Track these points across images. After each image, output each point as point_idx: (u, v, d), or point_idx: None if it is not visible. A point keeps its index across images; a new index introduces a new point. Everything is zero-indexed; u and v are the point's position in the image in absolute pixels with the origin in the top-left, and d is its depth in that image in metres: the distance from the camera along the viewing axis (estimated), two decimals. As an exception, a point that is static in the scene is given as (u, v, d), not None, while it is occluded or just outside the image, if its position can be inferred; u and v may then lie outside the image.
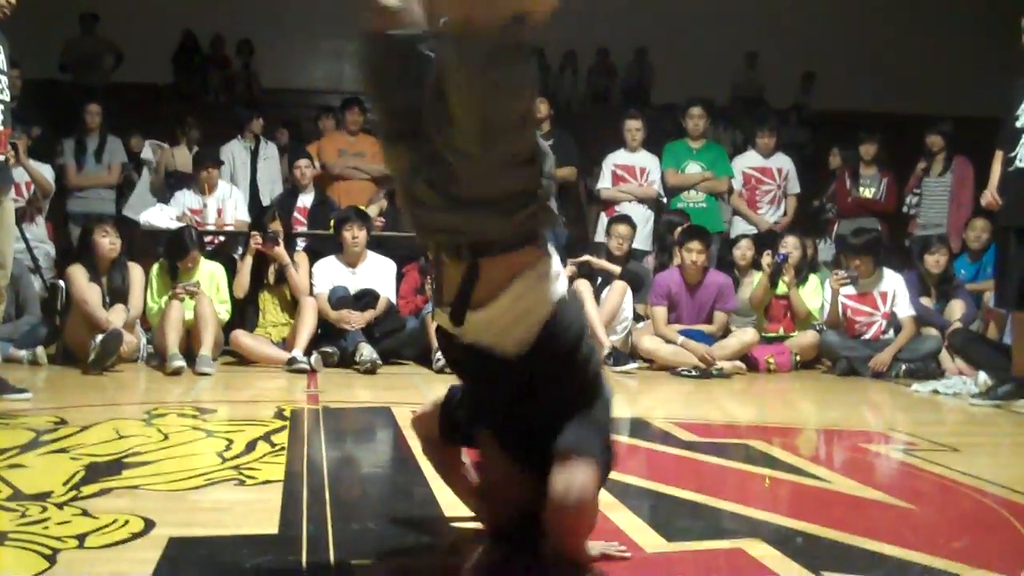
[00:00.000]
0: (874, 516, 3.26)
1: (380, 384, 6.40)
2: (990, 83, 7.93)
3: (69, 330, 6.78)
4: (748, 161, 9.08)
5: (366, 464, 4.17)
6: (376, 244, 7.64)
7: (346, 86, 14.44)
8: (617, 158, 8.91)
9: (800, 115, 13.67)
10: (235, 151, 9.27)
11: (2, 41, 5.10)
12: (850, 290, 7.55)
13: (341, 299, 7.14)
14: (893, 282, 7.54)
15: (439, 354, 6.84)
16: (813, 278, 8.05)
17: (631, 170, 8.79)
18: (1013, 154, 5.77)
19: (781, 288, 7.89)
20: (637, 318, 7.74)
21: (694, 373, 7.05)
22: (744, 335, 7.42)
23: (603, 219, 8.63)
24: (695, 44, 14.92)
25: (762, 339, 7.61)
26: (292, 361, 6.66)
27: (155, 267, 7.17)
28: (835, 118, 12.85)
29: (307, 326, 6.92)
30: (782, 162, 9.08)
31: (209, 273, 7.14)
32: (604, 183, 8.89)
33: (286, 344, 6.99)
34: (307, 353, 6.76)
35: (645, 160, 8.83)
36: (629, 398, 6.34)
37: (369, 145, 8.86)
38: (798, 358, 7.61)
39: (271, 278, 7.25)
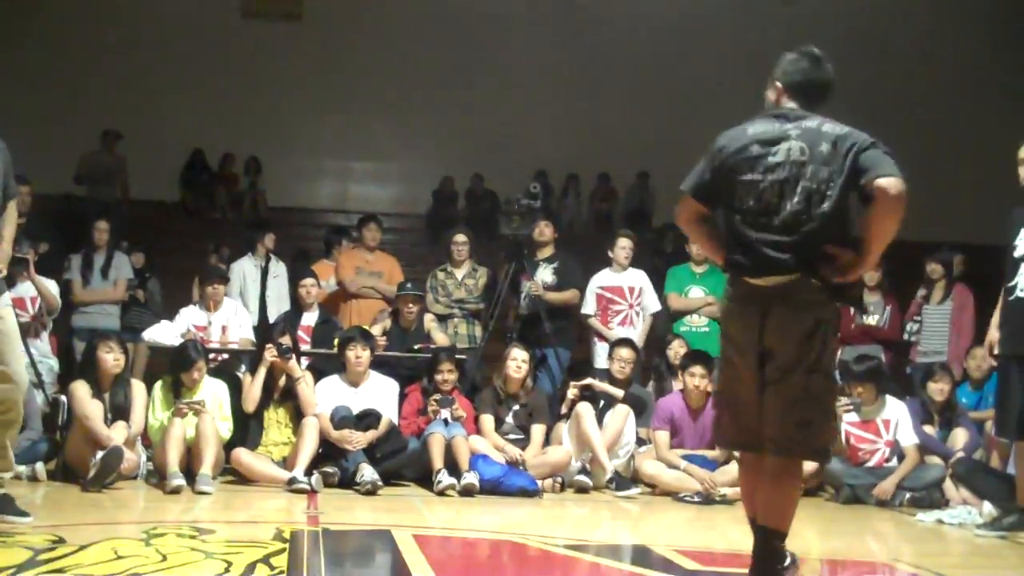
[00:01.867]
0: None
1: (381, 506, 6.35)
2: (989, 211, 8.02)
3: (70, 446, 6.75)
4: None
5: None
6: (379, 364, 7.65)
7: (350, 205, 14.67)
8: (602, 279, 8.89)
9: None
10: (245, 268, 9.35)
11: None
12: (853, 417, 7.53)
13: (343, 419, 7.11)
14: (896, 410, 7.52)
15: (440, 475, 6.82)
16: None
17: (619, 290, 8.80)
18: (1012, 283, 5.79)
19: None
20: (639, 442, 7.70)
21: (697, 499, 6.99)
22: (747, 461, 7.37)
23: (601, 343, 8.62)
24: (695, 163, 15.14)
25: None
26: (292, 481, 6.62)
27: (158, 384, 7.17)
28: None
29: (308, 446, 6.89)
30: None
31: (212, 391, 7.13)
32: (588, 308, 8.86)
33: (287, 463, 6.95)
34: (308, 473, 6.71)
35: (634, 279, 8.84)
36: (631, 524, 6.31)
37: (386, 264, 8.92)
38: (801, 486, 7.54)
39: (279, 393, 7.24)
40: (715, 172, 3.92)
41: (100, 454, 6.32)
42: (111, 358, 6.89)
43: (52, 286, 8.11)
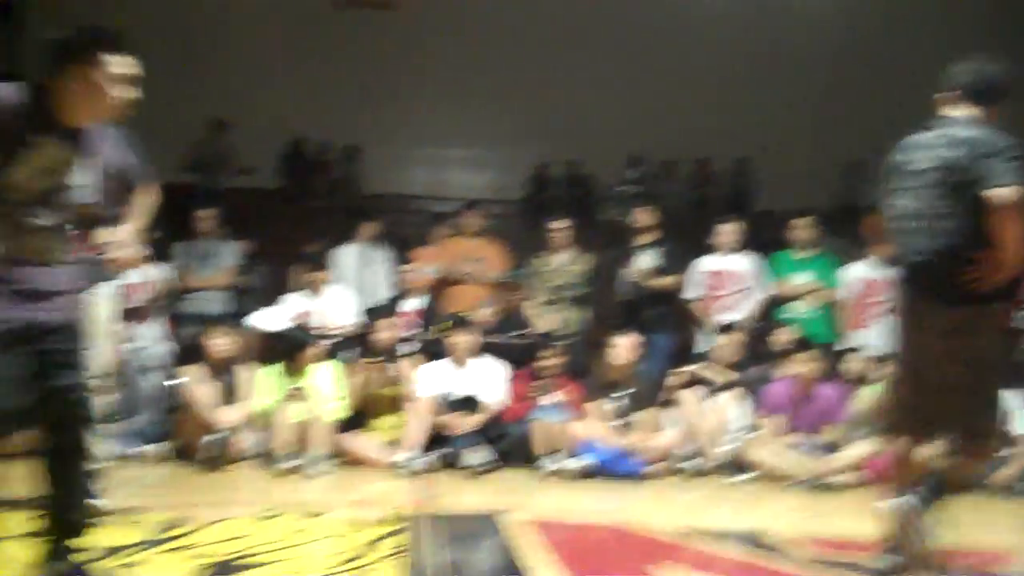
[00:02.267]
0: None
1: (487, 489, 6.37)
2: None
3: (182, 429, 6.88)
4: (859, 271, 8.88)
5: (475, 571, 4.13)
6: (482, 350, 7.65)
7: (447, 192, 14.70)
8: (706, 264, 8.76)
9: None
10: (347, 255, 9.41)
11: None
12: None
13: (448, 403, 7.15)
14: (1011, 401, 7.31)
15: (545, 459, 6.81)
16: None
17: (725, 275, 8.67)
18: None
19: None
20: (748, 429, 7.60)
21: (807, 485, 6.88)
22: (858, 447, 7.25)
23: (706, 328, 8.53)
24: (796, 151, 14.91)
25: (878, 451, 7.41)
26: (401, 464, 6.67)
27: (267, 368, 7.26)
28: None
29: (416, 428, 6.94)
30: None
31: (323, 373, 7.21)
32: (693, 292, 8.76)
33: (395, 446, 6.99)
34: (416, 456, 6.76)
35: (741, 264, 8.72)
36: (740, 510, 6.23)
37: (489, 250, 8.92)
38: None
39: (380, 388, 7.28)
40: None
41: (211, 437, 6.43)
42: (219, 343, 7.01)
43: (164, 272, 8.27)
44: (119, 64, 3.19)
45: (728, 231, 8.72)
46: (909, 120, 4.30)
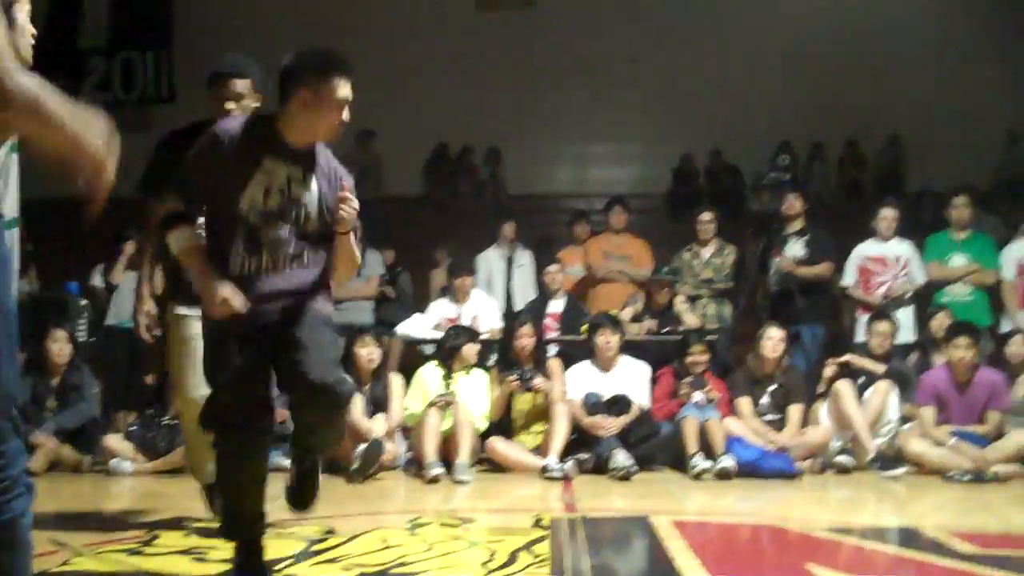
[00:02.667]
0: None
1: (636, 491, 6.33)
2: None
3: (335, 440, 7.02)
4: (1020, 250, 8.53)
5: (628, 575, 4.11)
6: (630, 348, 7.62)
7: (590, 189, 14.69)
8: (866, 249, 8.55)
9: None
10: (491, 259, 9.49)
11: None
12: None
13: (594, 405, 7.14)
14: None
15: (695, 459, 6.74)
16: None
17: (883, 260, 8.44)
18: None
19: (1062, 385, 7.38)
20: (903, 420, 7.39)
21: (967, 477, 6.65)
22: (1021, 436, 6.97)
23: (862, 316, 8.30)
24: (950, 126, 14.41)
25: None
26: (547, 468, 6.68)
27: (417, 374, 7.36)
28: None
29: (561, 432, 6.94)
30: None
31: (470, 380, 7.28)
32: (849, 278, 8.56)
33: (540, 451, 7.02)
34: (561, 460, 6.77)
35: (900, 249, 8.46)
36: (897, 505, 6.08)
37: (635, 247, 8.89)
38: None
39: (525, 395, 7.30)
40: None
41: (362, 447, 6.55)
42: (366, 353, 7.14)
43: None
44: (340, 88, 3.41)
45: (887, 216, 8.46)
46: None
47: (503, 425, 7.25)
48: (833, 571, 3.76)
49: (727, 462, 6.70)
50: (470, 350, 7.31)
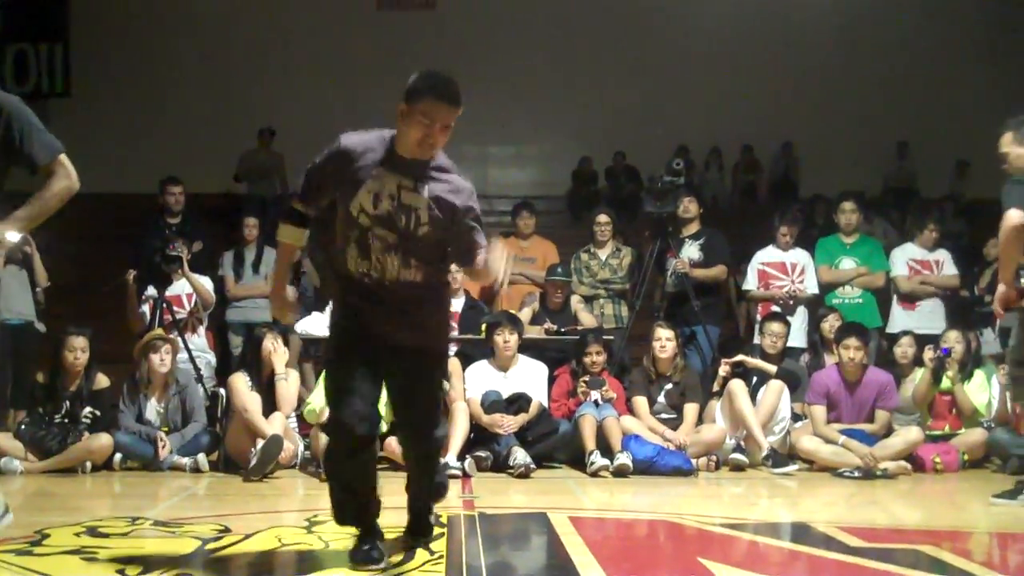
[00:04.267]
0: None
1: (534, 488, 6.37)
2: None
3: (230, 437, 6.94)
4: (909, 254, 8.81)
5: (525, 571, 4.12)
6: (527, 347, 7.65)
7: (490, 190, 14.71)
8: (765, 256, 8.76)
9: (956, 205, 13.28)
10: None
11: None
12: (1018, 386, 7.23)
13: (493, 403, 7.15)
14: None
15: (593, 457, 6.80)
16: (979, 373, 7.70)
17: (782, 267, 8.63)
18: None
19: (945, 384, 7.60)
20: (795, 418, 7.55)
21: (856, 474, 6.82)
22: (908, 434, 7.17)
23: (756, 317, 8.48)
24: (842, 135, 14.77)
25: (927, 438, 7.35)
26: (445, 466, 6.66)
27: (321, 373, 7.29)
28: (992, 207, 12.41)
29: (460, 431, 6.94)
30: (941, 255, 8.79)
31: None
32: (751, 283, 8.75)
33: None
34: (460, 458, 6.77)
35: (797, 256, 8.67)
36: (789, 501, 6.19)
37: (540, 249, 8.92)
38: (966, 457, 7.32)
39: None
40: None
41: (260, 444, 6.47)
42: (271, 348, 7.05)
43: (206, 282, 8.36)
44: (428, 107, 3.67)
45: (784, 232, 8.66)
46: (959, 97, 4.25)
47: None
48: (725, 565, 3.82)
49: (624, 459, 6.77)
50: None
